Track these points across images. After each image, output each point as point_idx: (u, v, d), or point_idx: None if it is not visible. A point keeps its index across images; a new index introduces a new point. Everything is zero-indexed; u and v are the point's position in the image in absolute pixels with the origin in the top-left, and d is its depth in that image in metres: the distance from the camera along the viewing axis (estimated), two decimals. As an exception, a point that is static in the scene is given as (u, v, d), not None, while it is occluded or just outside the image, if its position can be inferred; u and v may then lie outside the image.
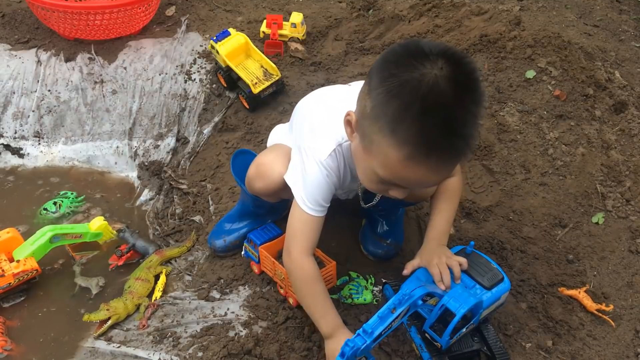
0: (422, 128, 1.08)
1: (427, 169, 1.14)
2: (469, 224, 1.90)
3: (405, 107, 1.08)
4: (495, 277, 1.42)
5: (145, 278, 1.73)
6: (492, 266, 1.44)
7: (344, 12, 2.73)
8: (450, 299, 1.35)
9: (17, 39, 2.47)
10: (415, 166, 1.13)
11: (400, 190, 1.26)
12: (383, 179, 1.21)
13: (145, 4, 2.37)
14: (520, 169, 2.05)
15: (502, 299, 1.45)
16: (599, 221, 1.90)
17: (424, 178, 1.17)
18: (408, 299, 1.30)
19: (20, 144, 2.28)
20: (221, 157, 2.17)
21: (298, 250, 1.43)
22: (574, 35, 2.50)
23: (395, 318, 1.29)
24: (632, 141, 2.11)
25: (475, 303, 1.34)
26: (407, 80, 1.08)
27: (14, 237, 1.76)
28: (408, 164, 1.13)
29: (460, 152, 1.14)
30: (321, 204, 1.39)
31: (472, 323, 1.39)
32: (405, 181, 1.21)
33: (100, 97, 2.33)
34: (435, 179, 1.24)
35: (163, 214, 2.06)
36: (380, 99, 1.12)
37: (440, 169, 1.17)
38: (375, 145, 1.17)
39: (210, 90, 2.34)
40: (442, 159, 1.14)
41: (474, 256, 1.46)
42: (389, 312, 1.28)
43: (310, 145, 1.38)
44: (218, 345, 1.49)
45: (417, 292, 1.33)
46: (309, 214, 1.39)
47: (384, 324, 1.27)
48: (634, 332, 1.62)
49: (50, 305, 1.73)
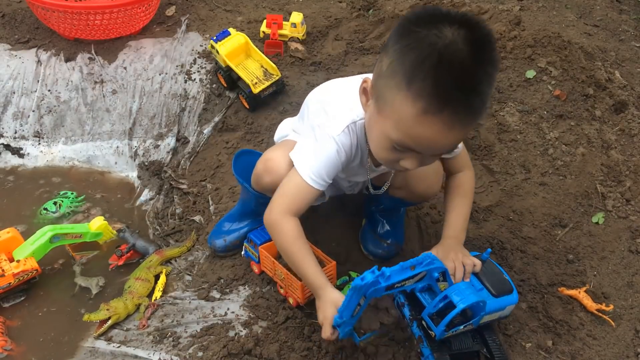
0: (438, 80, 1.10)
1: (441, 125, 1.13)
2: (469, 224, 1.89)
3: (422, 59, 1.10)
4: (504, 287, 1.43)
5: (145, 278, 1.73)
6: (503, 277, 1.46)
7: (344, 12, 2.73)
8: (454, 291, 1.35)
9: (17, 39, 2.47)
10: (429, 121, 1.13)
11: (412, 158, 1.24)
12: (396, 142, 1.21)
13: (145, 4, 2.37)
14: (520, 169, 2.05)
15: (506, 310, 1.46)
16: (599, 221, 1.90)
17: (437, 136, 1.16)
18: (430, 263, 1.28)
19: (20, 143, 2.29)
20: (221, 157, 2.17)
21: (282, 209, 1.41)
22: (574, 35, 2.50)
23: (411, 276, 1.27)
24: (632, 141, 2.11)
25: (477, 302, 1.34)
26: (426, 35, 1.10)
27: (14, 237, 1.76)
28: (422, 119, 1.13)
29: (474, 109, 1.14)
30: (324, 179, 1.39)
31: (470, 323, 1.39)
32: (418, 141, 1.18)
33: (100, 97, 2.33)
34: (447, 141, 1.20)
35: (163, 214, 2.07)
36: (397, 54, 1.14)
37: (454, 127, 1.15)
38: (389, 104, 1.18)
39: (210, 90, 2.34)
40: (456, 114, 1.13)
41: (488, 264, 1.47)
42: (409, 267, 1.26)
43: (325, 123, 1.40)
44: (218, 345, 1.49)
45: (438, 262, 1.31)
46: (308, 184, 1.38)
47: (401, 276, 1.25)
48: (634, 332, 1.62)
49: (50, 305, 1.73)
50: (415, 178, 1.56)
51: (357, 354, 1.49)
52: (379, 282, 1.23)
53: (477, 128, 2.13)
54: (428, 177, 1.55)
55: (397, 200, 1.68)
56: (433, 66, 1.09)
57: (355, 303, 1.27)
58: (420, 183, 1.57)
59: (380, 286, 1.24)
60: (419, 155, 1.24)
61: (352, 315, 1.30)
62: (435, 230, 1.87)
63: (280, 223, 1.41)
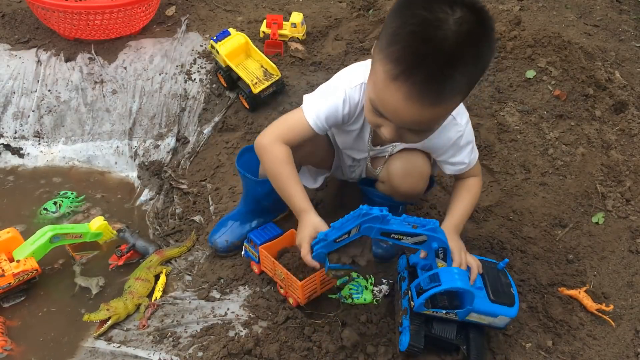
0: (411, 47, 1.11)
1: (404, 93, 1.14)
2: (469, 224, 1.90)
3: (405, 25, 1.12)
4: (505, 297, 1.42)
5: (145, 278, 1.73)
6: (509, 289, 1.45)
7: (344, 12, 2.73)
8: (446, 272, 1.35)
9: (17, 39, 2.47)
10: (395, 87, 1.15)
11: (388, 126, 1.26)
12: (373, 104, 1.24)
13: (145, 4, 2.37)
14: (520, 169, 2.05)
15: (498, 320, 1.43)
16: (599, 221, 1.90)
17: (399, 105, 1.17)
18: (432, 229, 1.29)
19: (20, 143, 2.28)
20: (221, 157, 2.17)
21: (276, 135, 1.46)
22: (574, 35, 2.50)
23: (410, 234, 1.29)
24: (632, 141, 2.12)
25: (465, 290, 1.33)
26: (423, 6, 1.11)
27: (14, 237, 1.76)
28: (388, 84, 1.15)
29: (442, 89, 1.14)
30: (322, 121, 1.43)
31: (454, 312, 1.38)
32: (383, 105, 1.21)
33: (100, 97, 2.33)
34: (410, 113, 1.19)
35: (163, 214, 2.07)
36: (389, 19, 1.18)
37: (417, 99, 1.15)
38: (373, 65, 1.21)
39: (210, 90, 2.34)
40: (421, 86, 1.13)
41: (501, 273, 1.47)
42: (411, 224, 1.29)
43: (343, 77, 1.45)
44: (218, 345, 1.49)
45: (442, 234, 1.32)
46: (307, 120, 1.43)
47: (400, 228, 1.28)
48: (634, 332, 1.62)
49: (50, 305, 1.73)
50: (399, 175, 1.56)
51: (357, 353, 1.49)
52: (380, 220, 1.25)
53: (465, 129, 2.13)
54: (410, 176, 1.55)
55: (387, 199, 1.67)
56: (411, 33, 1.10)
57: (347, 229, 1.28)
58: (403, 181, 1.57)
59: (376, 226, 1.26)
60: (393, 125, 1.25)
61: (335, 240, 1.31)
62: (435, 230, 1.87)
63: (272, 146, 1.45)
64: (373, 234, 1.29)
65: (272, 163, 1.46)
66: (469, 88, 1.21)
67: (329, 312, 1.60)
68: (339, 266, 1.38)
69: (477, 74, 1.19)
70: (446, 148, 1.49)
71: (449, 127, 1.44)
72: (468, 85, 1.19)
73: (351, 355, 1.49)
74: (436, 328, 1.44)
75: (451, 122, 1.44)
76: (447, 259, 1.39)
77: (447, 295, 1.41)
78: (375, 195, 1.70)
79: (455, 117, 1.44)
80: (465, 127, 1.47)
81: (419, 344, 1.41)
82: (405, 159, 1.55)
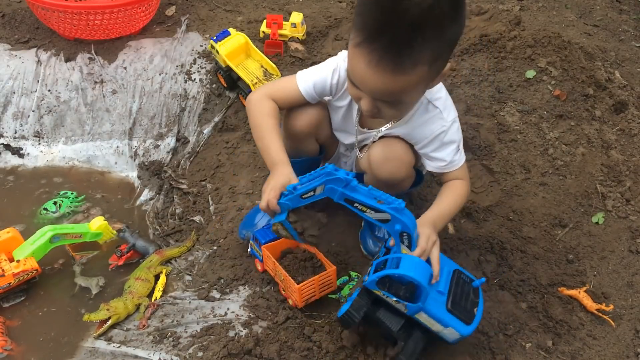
0: (374, 14, 1.15)
1: (367, 60, 1.18)
2: (469, 224, 1.90)
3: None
4: (463, 313, 1.37)
5: (146, 278, 1.73)
6: (473, 308, 1.39)
7: (344, 12, 2.73)
8: (407, 259, 1.33)
9: (17, 39, 2.47)
10: (359, 54, 1.19)
11: (365, 98, 1.29)
12: (347, 74, 1.30)
13: (145, 4, 2.37)
14: (520, 169, 2.05)
15: (447, 332, 1.38)
16: (599, 221, 1.91)
17: (364, 72, 1.21)
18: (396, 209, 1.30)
19: (20, 143, 2.29)
20: (221, 157, 2.17)
21: (264, 92, 1.56)
22: (574, 35, 2.50)
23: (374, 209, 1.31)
24: (632, 141, 2.12)
25: (418, 284, 1.30)
26: None
27: (14, 237, 1.76)
28: (354, 51, 1.21)
29: (402, 50, 1.15)
30: (309, 84, 1.52)
31: (404, 303, 1.34)
32: (352, 73, 1.27)
33: (100, 97, 2.33)
34: (375, 81, 1.22)
35: (163, 213, 2.07)
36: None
37: (379, 67, 1.18)
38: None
39: (210, 90, 2.34)
40: (383, 50, 1.15)
41: (473, 290, 1.43)
42: (377, 198, 1.30)
43: (339, 53, 1.53)
44: (218, 345, 1.49)
45: (407, 217, 1.32)
46: (296, 82, 1.54)
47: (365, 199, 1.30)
48: (634, 332, 1.62)
49: (50, 305, 1.73)
50: (378, 160, 1.56)
51: (357, 353, 1.49)
52: (344, 183, 1.28)
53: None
54: (389, 160, 1.54)
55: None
56: (376, 3, 1.14)
57: (313, 185, 1.32)
58: (382, 166, 1.55)
59: (339, 189, 1.29)
60: (369, 97, 1.29)
61: (302, 196, 1.35)
62: (435, 230, 1.87)
63: (259, 101, 1.54)
64: (336, 197, 1.31)
65: (256, 115, 1.54)
66: (433, 61, 1.21)
67: (329, 312, 1.60)
68: (288, 225, 1.42)
69: (441, 47, 1.20)
70: (428, 141, 1.51)
71: (433, 120, 1.47)
72: (432, 58, 1.19)
73: (351, 356, 1.49)
74: (383, 313, 1.40)
75: (437, 115, 1.47)
76: (412, 246, 1.36)
77: (407, 287, 1.36)
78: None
79: (442, 111, 1.47)
80: (450, 124, 1.48)
81: (355, 316, 1.37)
82: (384, 144, 1.56)
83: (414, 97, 1.34)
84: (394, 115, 1.42)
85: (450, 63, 1.30)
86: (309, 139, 1.66)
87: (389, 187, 1.62)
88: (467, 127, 2.10)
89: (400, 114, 1.42)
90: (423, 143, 1.52)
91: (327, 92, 1.54)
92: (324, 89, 1.53)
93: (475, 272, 1.75)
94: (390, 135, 1.56)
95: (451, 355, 1.52)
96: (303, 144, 1.67)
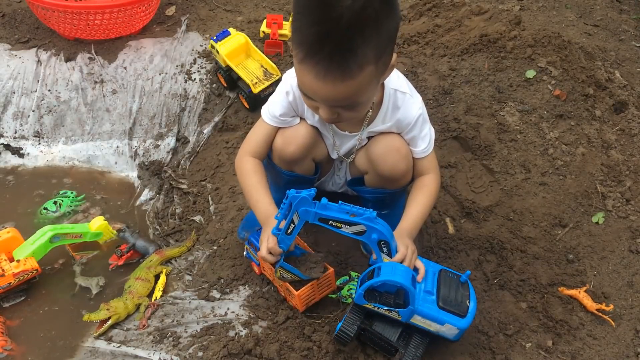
0: (309, 28, 1.14)
1: (314, 73, 1.18)
2: (469, 224, 1.90)
3: (302, 9, 1.16)
4: (455, 306, 1.37)
5: (146, 278, 1.73)
6: (465, 302, 1.39)
7: (344, 12, 2.73)
8: (389, 266, 1.34)
9: (17, 38, 2.47)
10: (305, 69, 1.20)
11: (321, 107, 1.30)
12: (299, 88, 1.30)
13: (145, 4, 2.37)
14: (520, 169, 2.05)
15: (446, 329, 1.39)
16: (599, 221, 1.91)
17: (314, 84, 1.21)
18: (369, 219, 1.31)
19: (21, 143, 2.29)
20: (221, 157, 2.17)
21: (242, 152, 1.62)
22: (574, 35, 2.50)
23: (348, 223, 1.32)
24: (632, 141, 2.11)
25: (400, 285, 1.30)
26: None
27: (14, 237, 1.76)
28: (300, 67, 1.21)
29: (345, 58, 1.14)
30: (274, 115, 1.55)
31: (396, 311, 1.35)
32: (303, 87, 1.27)
33: (100, 97, 2.33)
34: (325, 90, 1.22)
35: (163, 213, 2.07)
36: (293, 9, 1.22)
37: (330, 75, 1.17)
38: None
39: (210, 90, 2.34)
40: (327, 62, 1.15)
41: (462, 284, 1.43)
42: (348, 212, 1.32)
43: (288, 72, 1.54)
44: (218, 345, 1.49)
45: (381, 225, 1.33)
46: (263, 120, 1.58)
47: (336, 214, 1.31)
48: (634, 332, 1.62)
49: (50, 305, 1.73)
50: (378, 156, 1.56)
51: (357, 354, 1.49)
52: (311, 203, 1.30)
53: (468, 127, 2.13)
54: (389, 155, 1.54)
55: (379, 191, 1.67)
56: (308, 16, 1.14)
57: (287, 218, 1.34)
58: (383, 161, 1.56)
59: (312, 210, 1.30)
60: (325, 106, 1.29)
61: (287, 232, 1.37)
62: (435, 230, 1.87)
63: (240, 162, 1.61)
64: (311, 218, 1.33)
65: (240, 177, 1.61)
66: (378, 58, 1.21)
67: (329, 312, 1.60)
68: (288, 266, 1.47)
69: (383, 43, 1.19)
70: (413, 123, 1.51)
71: (409, 103, 1.49)
72: (376, 55, 1.19)
73: (351, 356, 1.49)
74: (378, 325, 1.41)
75: (409, 99, 1.49)
76: (392, 253, 1.37)
77: (396, 295, 1.37)
78: (366, 192, 1.70)
79: (412, 94, 1.50)
80: (421, 103, 1.52)
81: (349, 332, 1.39)
82: (381, 139, 1.56)
83: (369, 96, 1.33)
84: (354, 117, 1.41)
85: (396, 54, 1.28)
86: (304, 160, 1.65)
87: (392, 182, 1.63)
88: (467, 127, 2.10)
89: (360, 114, 1.42)
90: (410, 127, 1.52)
91: (293, 111, 1.55)
92: (287, 109, 1.54)
93: (475, 272, 1.75)
94: (377, 132, 1.56)
95: (451, 355, 1.52)
96: (297, 165, 1.65)
